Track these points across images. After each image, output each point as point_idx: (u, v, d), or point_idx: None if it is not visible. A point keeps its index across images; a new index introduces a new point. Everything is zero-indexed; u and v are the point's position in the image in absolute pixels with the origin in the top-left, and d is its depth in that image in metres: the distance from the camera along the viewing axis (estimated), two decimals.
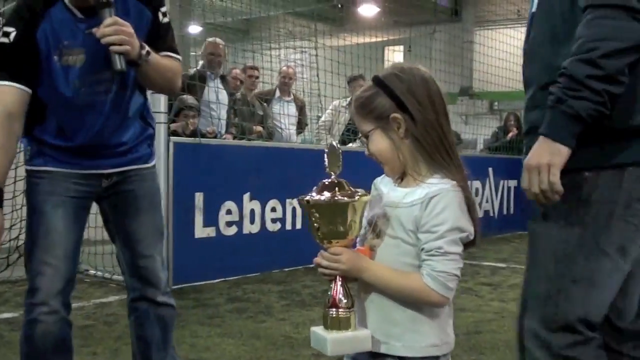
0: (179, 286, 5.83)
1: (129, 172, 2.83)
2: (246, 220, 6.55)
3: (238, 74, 8.02)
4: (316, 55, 8.85)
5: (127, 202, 2.85)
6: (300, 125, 8.75)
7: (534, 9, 2.09)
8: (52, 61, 2.58)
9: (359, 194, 1.78)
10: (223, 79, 7.30)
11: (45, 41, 2.56)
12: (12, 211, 6.12)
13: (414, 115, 1.77)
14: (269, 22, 23.03)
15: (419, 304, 1.79)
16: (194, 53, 18.39)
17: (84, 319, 4.79)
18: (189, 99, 6.52)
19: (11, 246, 6.10)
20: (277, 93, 8.53)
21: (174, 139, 5.97)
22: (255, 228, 6.65)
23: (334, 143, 1.87)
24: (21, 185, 6.05)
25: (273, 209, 6.81)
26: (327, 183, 1.80)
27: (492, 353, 4.16)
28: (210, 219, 6.22)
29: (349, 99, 8.41)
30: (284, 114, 8.26)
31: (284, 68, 8.62)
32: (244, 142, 6.97)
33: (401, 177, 1.88)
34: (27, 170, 2.78)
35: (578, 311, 1.98)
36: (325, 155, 1.82)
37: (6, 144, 2.54)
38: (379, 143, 1.84)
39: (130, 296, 2.95)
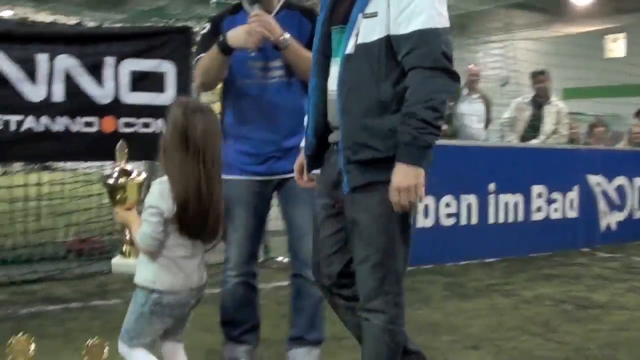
0: None
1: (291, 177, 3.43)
2: (420, 215, 6.94)
3: None
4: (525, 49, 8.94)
5: (289, 195, 3.55)
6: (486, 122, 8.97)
7: (348, 51, 2.61)
8: None
9: (133, 178, 2.83)
10: None
11: (224, 30, 3.40)
12: None
13: (167, 139, 2.65)
14: (485, 16, 23.03)
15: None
16: None
17: (261, 298, 5.42)
18: None
19: None
20: (465, 91, 8.79)
21: None
22: (429, 222, 7.02)
23: (122, 142, 2.89)
24: None
25: (447, 205, 7.14)
26: (117, 170, 2.85)
27: (625, 349, 4.29)
28: None
29: (531, 96, 8.54)
30: (470, 114, 8.52)
31: (470, 66, 8.87)
32: None
33: None
34: None
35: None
36: (116, 151, 2.87)
37: None
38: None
39: (291, 272, 3.69)
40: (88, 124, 6.23)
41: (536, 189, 7.83)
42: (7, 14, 12.02)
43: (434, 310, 5.21)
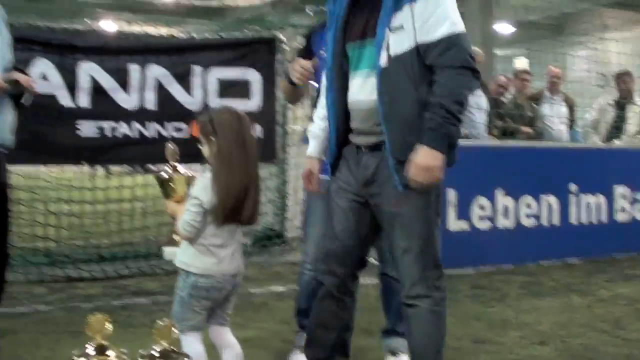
0: None
1: None
2: (500, 215, 7.03)
3: (502, 81, 8.50)
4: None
5: None
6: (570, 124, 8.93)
7: (383, 65, 2.83)
8: (318, 55, 3.85)
9: (181, 174, 3.27)
10: (482, 85, 7.80)
11: (314, 44, 3.96)
12: (295, 204, 7.23)
13: (217, 142, 2.97)
14: (583, 16, 22.57)
15: None
16: (502, 53, 18.71)
17: None
18: None
19: (295, 236, 7.20)
20: (547, 93, 8.79)
21: None
22: (509, 223, 7.09)
23: (172, 144, 3.32)
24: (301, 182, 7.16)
25: (528, 205, 7.19)
26: (168, 167, 3.28)
27: None
28: (463, 213, 6.82)
29: (614, 97, 8.47)
30: (552, 115, 8.52)
31: (551, 67, 8.85)
32: (497, 143, 7.45)
33: None
34: None
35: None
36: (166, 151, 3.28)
37: None
38: (205, 148, 3.03)
39: (379, 271, 3.98)
40: (178, 130, 6.63)
41: (619, 189, 7.78)
42: (109, 25, 12.61)
43: (507, 308, 5.31)
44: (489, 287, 6.08)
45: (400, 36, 2.82)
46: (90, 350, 2.49)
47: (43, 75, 6.20)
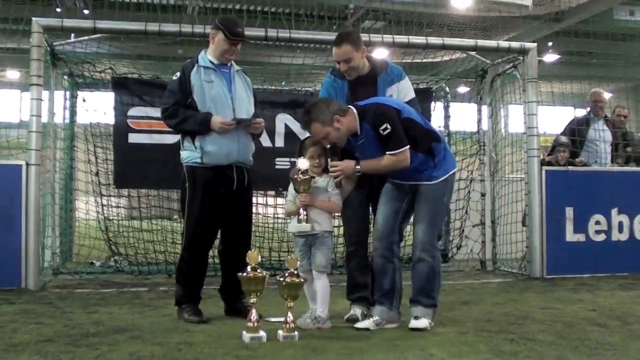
0: (551, 276, 8.02)
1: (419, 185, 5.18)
2: (614, 230, 8.37)
3: (624, 112, 9.46)
4: None
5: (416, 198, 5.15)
6: None
7: None
8: None
9: (308, 176, 4.96)
10: (606, 119, 9.15)
11: None
12: None
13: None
14: None
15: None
16: None
17: None
18: (562, 138, 8.68)
19: None
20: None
21: (546, 168, 8.20)
22: (623, 237, 8.39)
23: (302, 159, 5.00)
24: None
25: None
26: (300, 171, 4.96)
27: None
28: (580, 228, 8.28)
29: None
30: None
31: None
32: (607, 169, 8.82)
33: None
34: None
35: None
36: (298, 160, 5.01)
37: None
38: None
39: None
40: None
41: None
42: None
43: (590, 294, 6.74)
44: (594, 286, 7.39)
45: None
46: (249, 269, 4.56)
47: None
